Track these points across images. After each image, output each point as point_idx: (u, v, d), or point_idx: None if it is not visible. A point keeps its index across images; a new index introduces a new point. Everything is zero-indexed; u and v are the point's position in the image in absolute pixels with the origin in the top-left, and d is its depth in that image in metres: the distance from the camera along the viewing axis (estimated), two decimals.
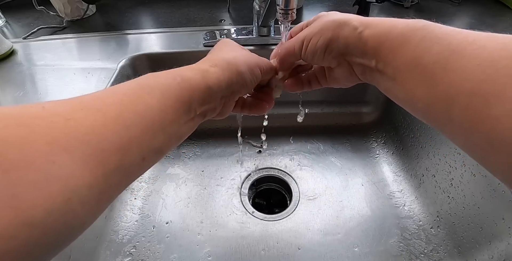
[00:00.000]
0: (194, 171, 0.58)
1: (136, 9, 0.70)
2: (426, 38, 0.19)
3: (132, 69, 0.55)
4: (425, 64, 0.18)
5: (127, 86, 0.19)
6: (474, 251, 0.41)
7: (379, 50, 0.21)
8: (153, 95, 0.19)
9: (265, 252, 0.46)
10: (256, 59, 0.28)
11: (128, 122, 0.17)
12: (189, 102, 0.21)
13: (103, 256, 0.45)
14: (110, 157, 0.15)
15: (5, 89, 0.47)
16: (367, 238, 0.47)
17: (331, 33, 0.23)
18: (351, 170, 0.58)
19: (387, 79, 0.22)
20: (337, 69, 0.26)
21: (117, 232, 0.48)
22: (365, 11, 0.54)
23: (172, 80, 0.21)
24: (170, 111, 0.19)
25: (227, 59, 0.25)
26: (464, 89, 0.16)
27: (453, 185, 0.46)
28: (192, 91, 0.21)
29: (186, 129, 0.21)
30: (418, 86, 0.19)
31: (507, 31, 0.67)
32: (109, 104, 0.17)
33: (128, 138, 0.16)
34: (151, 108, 0.18)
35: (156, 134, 0.18)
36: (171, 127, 0.19)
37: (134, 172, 0.17)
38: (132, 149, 0.17)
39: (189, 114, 0.21)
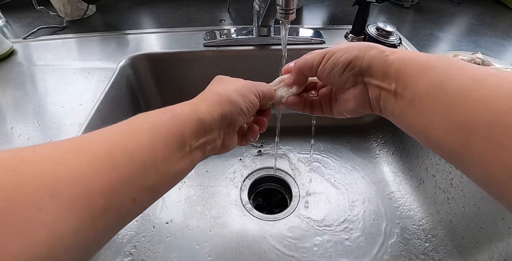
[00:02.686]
0: (194, 171, 0.58)
1: (136, 9, 0.70)
2: (450, 67, 0.19)
3: (132, 69, 0.55)
4: (447, 91, 0.18)
5: (117, 125, 0.19)
6: (474, 251, 0.41)
7: (402, 73, 0.21)
8: (143, 133, 0.19)
9: (265, 252, 0.46)
10: (250, 85, 0.27)
11: (117, 161, 0.16)
12: (181, 136, 0.20)
13: (103, 256, 0.45)
14: (98, 199, 0.15)
15: (5, 89, 0.47)
16: (367, 238, 0.47)
17: (358, 52, 0.23)
18: (351, 170, 0.58)
19: (403, 104, 0.21)
20: (350, 91, 0.25)
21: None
22: (365, 11, 0.54)
23: (162, 115, 0.20)
24: (162, 147, 0.19)
25: (216, 91, 0.25)
26: (485, 118, 0.16)
27: (453, 185, 0.46)
28: (183, 124, 0.21)
29: (181, 166, 0.21)
30: (438, 112, 0.18)
31: (507, 31, 0.67)
32: (98, 144, 0.17)
33: (117, 178, 0.16)
34: (141, 145, 0.18)
35: (148, 173, 0.18)
36: (164, 164, 0.19)
37: (123, 213, 0.17)
38: (121, 190, 0.16)
39: (184, 149, 0.21)
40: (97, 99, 0.45)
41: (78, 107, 0.43)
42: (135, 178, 0.17)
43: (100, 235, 0.16)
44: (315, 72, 0.26)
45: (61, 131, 0.40)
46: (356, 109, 0.26)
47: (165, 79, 0.59)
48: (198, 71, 0.58)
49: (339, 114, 0.28)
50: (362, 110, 0.26)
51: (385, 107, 0.23)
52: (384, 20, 0.57)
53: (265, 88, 0.28)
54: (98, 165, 0.16)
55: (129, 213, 0.17)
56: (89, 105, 0.43)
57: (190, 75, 0.58)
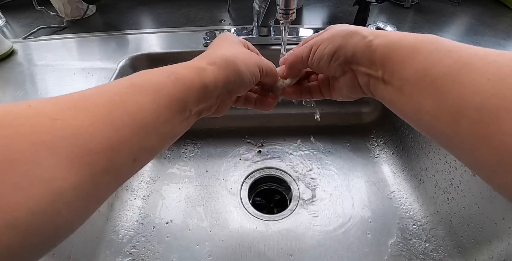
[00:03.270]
0: (194, 171, 0.58)
1: (136, 9, 0.70)
2: (436, 50, 0.18)
3: (132, 69, 0.55)
4: (434, 75, 0.18)
5: (119, 84, 0.18)
6: (474, 251, 0.41)
7: (387, 59, 0.21)
8: (146, 95, 0.18)
9: (265, 252, 0.46)
10: (256, 58, 0.27)
11: (119, 122, 0.16)
12: (184, 101, 0.20)
13: (103, 256, 0.45)
14: (98, 158, 0.15)
15: (5, 89, 0.47)
16: (367, 238, 0.47)
17: (340, 40, 0.23)
18: (351, 170, 0.58)
19: (392, 90, 0.21)
20: (341, 79, 0.26)
21: (117, 232, 0.48)
22: (365, 11, 0.54)
23: (166, 78, 0.20)
24: (164, 111, 0.19)
25: (226, 57, 0.24)
26: (473, 102, 0.16)
27: (453, 185, 0.46)
28: (187, 90, 0.20)
29: (180, 129, 0.21)
30: (426, 97, 0.18)
31: (507, 31, 0.67)
32: (98, 104, 0.16)
33: (118, 139, 0.16)
34: (143, 108, 0.18)
35: (149, 135, 0.18)
36: (164, 127, 0.19)
37: (124, 173, 0.17)
38: (122, 150, 0.16)
39: (184, 114, 0.21)
40: None
41: None
42: (136, 139, 0.17)
43: (100, 193, 0.16)
44: (306, 65, 0.27)
45: None
46: (351, 95, 0.26)
47: None
48: None
49: (338, 98, 0.28)
50: (357, 95, 0.26)
51: (375, 92, 0.23)
52: (384, 20, 0.57)
53: (269, 66, 0.28)
54: (98, 124, 0.15)
55: (129, 172, 0.17)
56: None
57: None
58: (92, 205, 0.15)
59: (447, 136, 0.18)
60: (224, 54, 0.24)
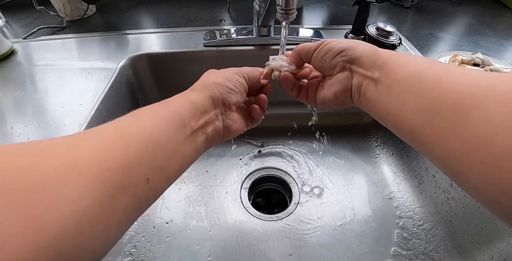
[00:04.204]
0: (195, 171, 0.58)
1: (136, 9, 0.70)
2: (430, 62, 0.22)
3: (132, 69, 0.55)
4: (422, 77, 0.20)
5: (120, 118, 0.21)
6: (474, 251, 0.41)
7: (387, 63, 0.23)
8: (145, 119, 0.21)
9: (265, 252, 0.46)
10: (232, 69, 0.30)
11: (127, 143, 0.18)
12: (179, 117, 0.22)
13: None
14: (114, 176, 0.16)
15: (5, 89, 0.47)
16: (367, 238, 0.47)
17: (353, 43, 0.26)
18: (351, 170, 0.58)
19: (382, 89, 0.23)
20: (337, 75, 0.27)
21: None
22: (365, 11, 0.54)
23: (158, 104, 0.23)
24: (164, 128, 0.21)
25: (201, 80, 0.28)
26: (448, 100, 0.18)
27: (453, 185, 0.46)
28: (178, 109, 0.23)
29: (187, 148, 0.22)
30: (411, 96, 0.20)
31: (507, 31, 0.67)
32: (107, 131, 0.19)
33: (128, 157, 0.17)
34: (145, 127, 0.20)
35: (156, 152, 0.19)
36: (169, 144, 0.21)
37: (140, 194, 0.18)
38: (134, 168, 0.17)
39: (185, 130, 0.22)
40: (97, 99, 0.45)
41: (78, 107, 0.43)
42: (145, 157, 0.18)
43: (119, 216, 0.17)
44: (310, 56, 0.29)
45: (61, 131, 0.40)
46: (337, 95, 0.28)
47: (165, 79, 0.59)
48: (198, 71, 0.57)
49: (322, 101, 0.30)
50: (342, 97, 0.28)
51: (364, 94, 0.25)
52: (384, 20, 0.57)
53: (247, 69, 0.31)
54: (109, 147, 0.17)
55: (145, 194, 0.18)
56: (89, 105, 0.43)
57: (190, 75, 0.58)
58: (112, 228, 0.16)
59: (423, 133, 0.19)
60: (200, 80, 0.28)
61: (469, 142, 0.16)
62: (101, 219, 0.15)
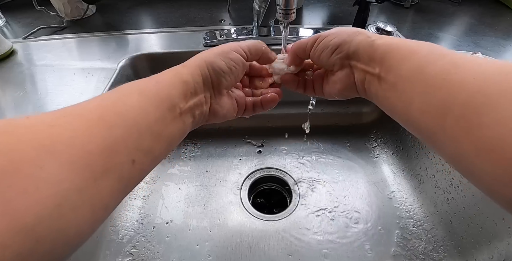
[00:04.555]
0: (194, 171, 0.58)
1: (136, 9, 0.70)
2: (432, 53, 0.20)
3: (132, 69, 0.55)
4: (427, 74, 0.19)
5: (106, 93, 0.20)
6: (474, 251, 0.41)
7: (386, 57, 0.22)
8: (132, 96, 0.19)
9: (265, 252, 0.46)
10: (233, 44, 0.27)
11: (111, 123, 0.17)
12: (169, 98, 0.21)
13: (103, 256, 0.45)
14: (97, 159, 0.15)
15: (5, 89, 0.47)
16: (367, 238, 0.47)
17: (346, 36, 0.25)
18: (351, 170, 0.58)
19: (386, 87, 0.22)
20: (338, 73, 0.26)
21: (117, 232, 0.48)
22: (365, 11, 0.54)
23: (147, 81, 0.22)
24: (152, 109, 0.19)
25: (197, 56, 0.26)
26: (459, 99, 0.17)
27: (453, 185, 0.46)
28: (168, 88, 0.21)
29: (175, 129, 0.21)
30: (417, 94, 0.19)
31: (507, 31, 0.67)
32: (90, 109, 0.17)
33: (113, 139, 0.16)
34: (132, 107, 0.18)
35: (142, 134, 0.18)
36: (156, 125, 0.19)
37: (126, 176, 0.17)
38: (119, 150, 0.16)
39: (174, 111, 0.21)
40: None
41: None
42: (131, 139, 0.17)
43: (105, 198, 0.16)
44: (308, 54, 0.27)
45: None
46: (343, 91, 0.27)
47: None
48: None
49: (329, 95, 0.29)
50: (348, 93, 0.27)
51: (369, 89, 0.24)
52: (384, 20, 0.57)
53: (249, 42, 0.28)
54: (92, 127, 0.16)
55: (131, 175, 0.18)
56: None
57: None
58: (98, 211, 0.15)
59: (433, 132, 0.19)
60: (197, 55, 0.26)
61: (482, 144, 0.15)
62: (84, 202, 0.14)
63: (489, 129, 0.15)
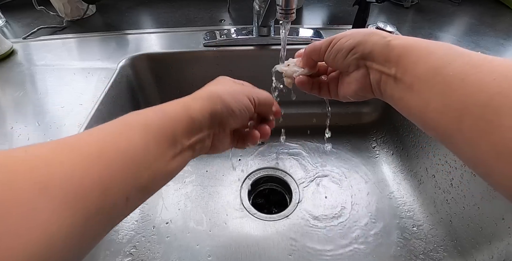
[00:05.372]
0: (194, 171, 0.58)
1: (136, 9, 0.70)
2: (449, 52, 0.20)
3: (132, 69, 0.55)
4: (445, 74, 0.19)
5: (108, 124, 0.19)
6: (474, 251, 0.41)
7: (403, 58, 0.22)
8: (135, 131, 0.19)
9: (265, 252, 0.46)
10: (246, 89, 0.27)
11: (109, 159, 0.16)
12: (173, 135, 0.20)
13: (103, 256, 0.45)
14: (92, 198, 0.15)
15: (5, 89, 0.47)
16: (367, 238, 0.47)
17: (361, 37, 0.25)
18: (351, 170, 0.58)
19: (403, 87, 0.22)
20: (353, 74, 0.26)
21: (117, 232, 0.48)
22: (365, 11, 0.54)
23: (153, 114, 0.21)
24: (154, 146, 0.19)
25: (210, 90, 0.25)
26: (478, 100, 0.16)
27: (453, 185, 0.46)
28: (174, 123, 0.21)
29: (174, 165, 0.21)
30: (434, 95, 0.19)
31: (507, 31, 0.67)
32: (90, 143, 0.17)
33: (110, 177, 0.16)
34: (133, 144, 0.18)
35: (140, 172, 0.18)
36: (156, 163, 0.19)
37: (117, 213, 0.17)
38: (114, 188, 0.16)
39: (175, 148, 0.21)
40: (97, 99, 0.45)
41: (78, 107, 0.43)
42: (128, 177, 0.17)
43: (94, 233, 0.16)
44: (322, 56, 0.27)
45: (61, 131, 0.40)
46: (358, 92, 0.27)
47: (165, 79, 0.59)
48: (198, 71, 0.58)
49: (344, 97, 0.29)
50: (364, 93, 0.27)
51: (385, 90, 0.24)
52: (384, 20, 0.57)
53: (263, 95, 0.28)
54: (90, 163, 0.16)
55: (122, 212, 0.18)
56: (89, 105, 0.43)
57: (190, 75, 0.58)
58: (85, 247, 0.16)
59: (451, 133, 0.18)
60: (209, 89, 0.25)
61: (501, 146, 0.15)
62: (74, 240, 0.14)
63: (508, 132, 0.15)
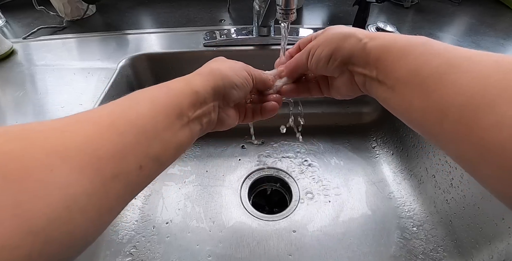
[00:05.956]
0: (194, 171, 0.58)
1: (136, 9, 0.70)
2: (426, 52, 0.20)
3: (132, 69, 0.55)
4: (423, 76, 0.19)
5: (117, 100, 0.20)
6: (474, 251, 0.41)
7: (380, 61, 0.22)
8: (143, 104, 0.20)
9: (265, 252, 0.46)
10: (243, 65, 0.29)
11: (121, 129, 0.17)
12: (179, 107, 0.22)
13: (103, 256, 0.45)
14: (107, 164, 0.16)
15: (5, 89, 0.47)
16: (367, 238, 0.47)
17: (336, 43, 0.25)
18: (351, 170, 0.58)
19: (386, 89, 0.22)
20: (339, 78, 0.27)
21: (117, 232, 0.48)
22: (365, 11, 0.54)
23: (158, 89, 0.22)
24: (162, 117, 0.20)
25: (210, 67, 0.26)
26: (456, 102, 0.17)
27: (453, 185, 0.46)
28: (179, 97, 0.22)
29: (182, 137, 0.22)
30: (415, 96, 0.19)
31: (507, 31, 0.67)
32: (101, 115, 0.18)
33: (123, 145, 0.17)
34: (142, 115, 0.19)
35: (151, 141, 0.19)
36: (165, 133, 0.20)
37: (133, 181, 0.18)
38: (127, 156, 0.17)
39: (182, 120, 0.22)
40: (97, 99, 0.45)
41: (78, 107, 0.43)
42: (140, 145, 0.18)
43: (112, 203, 0.16)
44: (306, 67, 0.28)
45: None
46: (349, 93, 0.27)
47: (165, 79, 0.59)
48: None
49: (336, 96, 0.29)
50: (354, 94, 0.27)
51: (371, 91, 0.25)
52: (384, 20, 0.57)
53: (257, 71, 0.29)
54: (103, 133, 0.16)
55: (137, 180, 0.18)
56: (89, 105, 0.43)
57: None
58: (104, 214, 0.16)
59: (434, 133, 0.19)
60: (209, 66, 0.27)
61: (481, 147, 0.15)
62: (92, 206, 0.15)
63: (487, 132, 0.15)
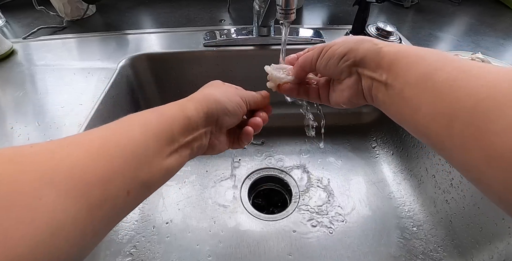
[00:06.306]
0: (194, 171, 0.58)
1: (136, 9, 0.70)
2: (440, 59, 0.20)
3: (132, 69, 0.55)
4: (434, 80, 0.19)
5: (109, 124, 0.20)
6: (474, 251, 0.41)
7: (394, 64, 0.22)
8: (134, 129, 0.20)
9: (265, 252, 0.46)
10: (236, 90, 0.29)
11: (111, 154, 0.17)
12: (170, 132, 0.22)
13: (103, 256, 0.45)
14: (94, 189, 0.16)
15: (5, 89, 0.47)
16: (367, 238, 0.47)
17: (353, 44, 0.25)
18: (351, 170, 0.58)
19: (393, 93, 0.22)
20: (345, 81, 0.27)
21: (117, 232, 0.48)
22: (365, 11, 0.54)
23: (150, 114, 0.22)
24: (152, 142, 0.20)
25: (203, 92, 0.27)
26: (466, 105, 0.17)
27: (453, 185, 0.46)
28: (171, 122, 0.22)
29: (172, 162, 0.22)
30: (424, 100, 0.19)
31: (507, 31, 0.67)
32: (92, 139, 0.18)
33: (112, 169, 0.17)
34: (133, 139, 0.19)
35: (140, 166, 0.19)
36: (155, 158, 0.20)
37: (120, 206, 0.18)
38: (115, 181, 0.17)
39: (173, 145, 0.22)
40: (97, 99, 0.45)
41: (78, 107, 0.43)
42: (129, 170, 0.18)
43: (97, 227, 0.16)
44: (314, 66, 0.28)
45: (61, 131, 0.40)
46: (351, 99, 0.27)
47: (165, 79, 0.59)
48: (198, 71, 0.58)
49: (336, 104, 0.29)
50: (357, 100, 0.27)
51: (376, 96, 0.24)
52: (384, 20, 0.57)
53: (250, 94, 0.30)
54: (93, 156, 0.17)
55: (124, 205, 0.18)
56: (89, 105, 0.43)
57: (190, 75, 0.58)
58: (89, 238, 0.16)
59: (441, 139, 0.18)
60: (202, 91, 0.27)
61: (491, 151, 0.15)
62: (77, 231, 0.15)
63: (497, 136, 0.15)
